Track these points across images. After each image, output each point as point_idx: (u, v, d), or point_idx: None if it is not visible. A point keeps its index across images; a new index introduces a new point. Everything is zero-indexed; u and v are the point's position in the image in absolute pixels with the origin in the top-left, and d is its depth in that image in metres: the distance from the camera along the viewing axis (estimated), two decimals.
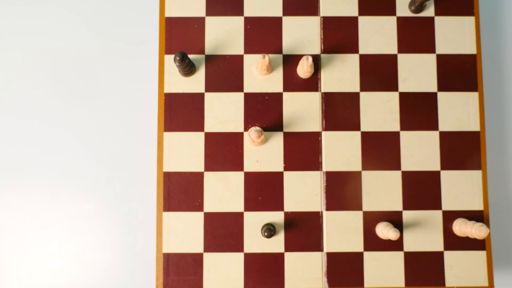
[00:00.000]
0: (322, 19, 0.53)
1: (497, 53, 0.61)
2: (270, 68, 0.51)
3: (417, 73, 0.53)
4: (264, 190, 0.51)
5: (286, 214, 0.51)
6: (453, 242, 0.51)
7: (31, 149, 0.56)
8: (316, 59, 0.53)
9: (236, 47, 0.53)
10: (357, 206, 0.51)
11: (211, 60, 0.53)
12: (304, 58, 0.49)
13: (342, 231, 0.51)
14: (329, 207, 0.51)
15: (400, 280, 0.50)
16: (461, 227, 0.49)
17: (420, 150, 0.52)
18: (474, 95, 0.53)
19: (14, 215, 0.58)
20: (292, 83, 0.52)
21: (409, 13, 0.54)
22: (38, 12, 0.60)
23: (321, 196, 0.51)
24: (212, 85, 0.52)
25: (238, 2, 0.54)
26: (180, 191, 0.51)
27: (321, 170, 0.51)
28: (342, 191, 0.51)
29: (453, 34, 0.53)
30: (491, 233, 0.58)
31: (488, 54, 0.61)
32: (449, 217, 0.51)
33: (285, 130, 0.52)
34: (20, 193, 0.58)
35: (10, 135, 0.58)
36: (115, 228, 0.57)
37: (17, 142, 0.58)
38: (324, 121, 0.52)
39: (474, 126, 0.52)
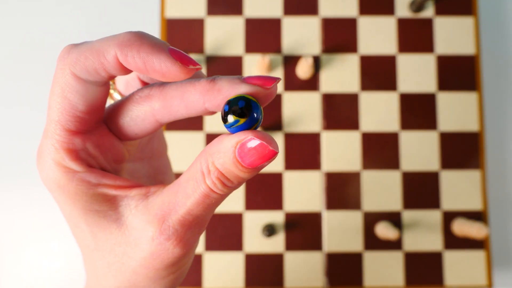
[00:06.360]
0: (322, 19, 0.53)
1: (497, 53, 0.61)
2: (270, 68, 0.52)
3: (417, 73, 0.53)
4: (264, 190, 0.51)
5: (286, 214, 0.51)
6: (453, 241, 0.51)
7: (31, 149, 0.56)
8: (316, 59, 0.53)
9: (236, 47, 0.53)
10: (357, 206, 0.51)
11: (211, 60, 0.53)
12: (304, 59, 0.49)
13: (342, 231, 0.51)
14: (329, 207, 0.51)
15: (400, 279, 0.50)
16: (460, 227, 0.50)
17: (419, 150, 0.52)
18: (474, 95, 0.53)
19: (14, 215, 0.58)
20: (292, 83, 0.52)
21: (408, 14, 0.54)
22: (37, 11, 0.61)
23: (321, 196, 0.51)
24: None
25: (238, 2, 0.54)
26: None
27: (321, 170, 0.52)
28: (342, 191, 0.51)
29: (453, 34, 0.53)
30: (490, 233, 0.58)
31: (488, 54, 0.61)
32: (449, 217, 0.51)
33: (285, 130, 0.52)
34: (20, 193, 0.58)
35: (10, 135, 0.58)
36: None
37: (17, 141, 0.58)
38: (324, 121, 0.52)
39: (474, 126, 0.52)
